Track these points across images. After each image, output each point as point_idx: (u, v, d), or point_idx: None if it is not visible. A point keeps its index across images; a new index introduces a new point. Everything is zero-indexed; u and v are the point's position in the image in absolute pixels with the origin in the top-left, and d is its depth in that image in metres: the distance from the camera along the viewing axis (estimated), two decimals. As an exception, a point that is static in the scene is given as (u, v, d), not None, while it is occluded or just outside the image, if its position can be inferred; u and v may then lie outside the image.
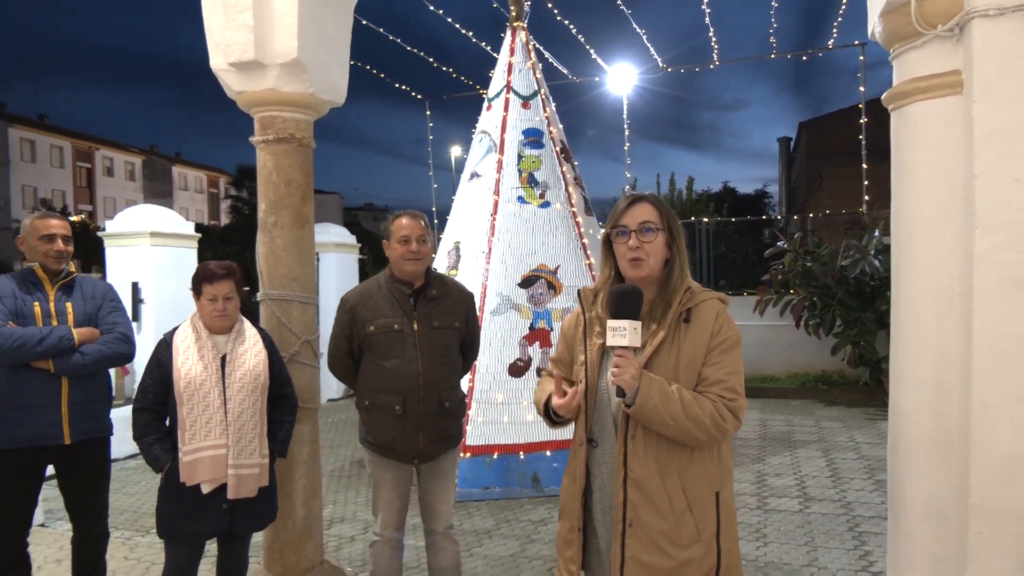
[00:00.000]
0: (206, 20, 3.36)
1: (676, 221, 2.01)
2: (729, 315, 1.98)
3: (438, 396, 2.96)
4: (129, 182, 50.04)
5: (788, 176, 32.67)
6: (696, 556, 1.88)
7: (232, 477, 2.76)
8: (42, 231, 3.03)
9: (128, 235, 7.40)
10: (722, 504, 1.93)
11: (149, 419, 2.82)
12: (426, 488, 3.09)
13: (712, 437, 1.86)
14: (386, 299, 2.98)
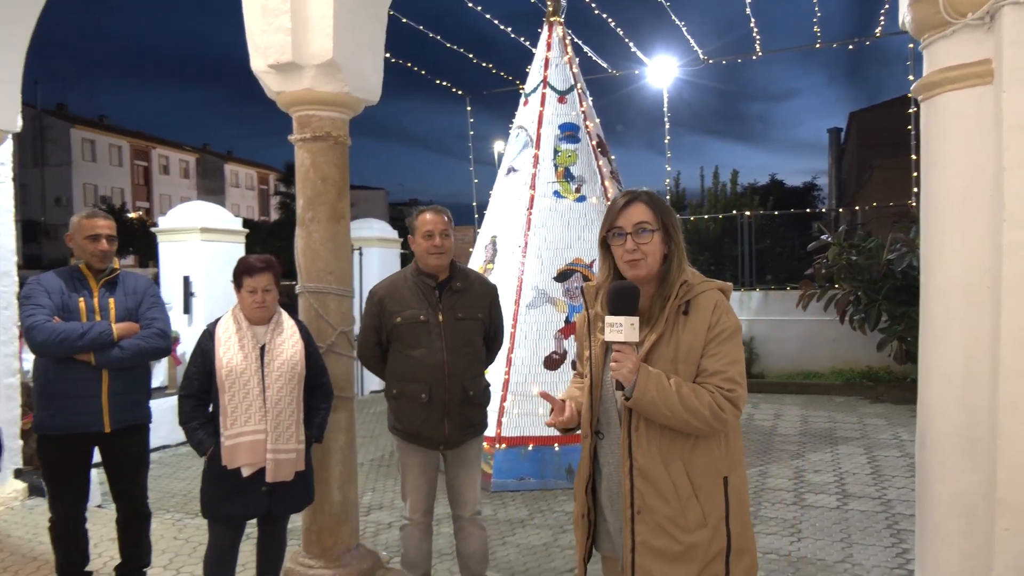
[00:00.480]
0: (247, 23, 3.49)
1: (672, 217, 2.04)
2: (728, 305, 2.00)
3: (463, 385, 3.05)
4: (183, 179, 51.63)
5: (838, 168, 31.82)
6: (703, 540, 1.92)
7: (270, 461, 2.89)
8: (88, 231, 3.20)
9: (180, 231, 7.69)
10: (731, 489, 1.96)
11: (193, 405, 2.96)
12: (452, 475, 3.18)
13: (712, 427, 1.89)
14: (412, 291, 3.07)
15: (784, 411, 8.44)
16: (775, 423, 7.81)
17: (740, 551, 1.97)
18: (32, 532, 4.39)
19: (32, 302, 3.02)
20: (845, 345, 9.65)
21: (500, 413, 5.71)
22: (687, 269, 2.02)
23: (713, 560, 1.94)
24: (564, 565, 4.09)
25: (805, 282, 9.32)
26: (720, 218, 13.15)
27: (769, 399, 9.23)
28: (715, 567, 1.94)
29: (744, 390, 1.93)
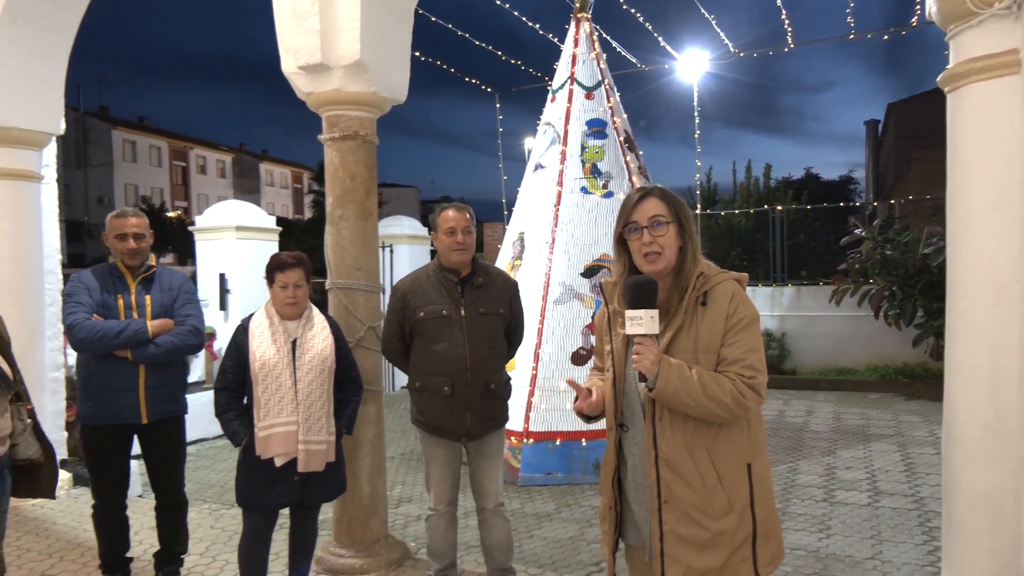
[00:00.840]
0: (277, 27, 3.59)
1: (685, 210, 2.07)
2: (745, 294, 2.02)
3: (484, 378, 3.10)
4: (220, 179, 52.65)
5: (876, 161, 31.14)
6: (730, 526, 1.96)
7: (302, 452, 2.98)
8: (117, 230, 3.32)
9: (215, 229, 7.89)
10: (755, 475, 1.99)
11: (229, 397, 3.07)
12: (475, 467, 3.24)
13: (734, 414, 1.93)
14: (435, 287, 3.13)
15: (816, 408, 8.34)
16: (807, 420, 7.72)
17: (766, 536, 2.00)
18: (76, 520, 4.56)
19: (73, 300, 3.16)
20: (880, 341, 9.49)
21: (528, 408, 5.76)
22: (702, 261, 2.05)
23: (741, 546, 1.97)
24: (590, 558, 4.12)
25: (838, 277, 9.19)
26: (752, 213, 13.00)
27: (801, 396, 9.12)
28: (742, 552, 1.97)
29: (764, 376, 1.95)
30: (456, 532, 3.33)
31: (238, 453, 3.09)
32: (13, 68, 4.69)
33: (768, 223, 11.69)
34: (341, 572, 3.65)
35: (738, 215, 13.38)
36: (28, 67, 4.78)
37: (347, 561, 3.69)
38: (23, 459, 2.73)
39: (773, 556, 2.02)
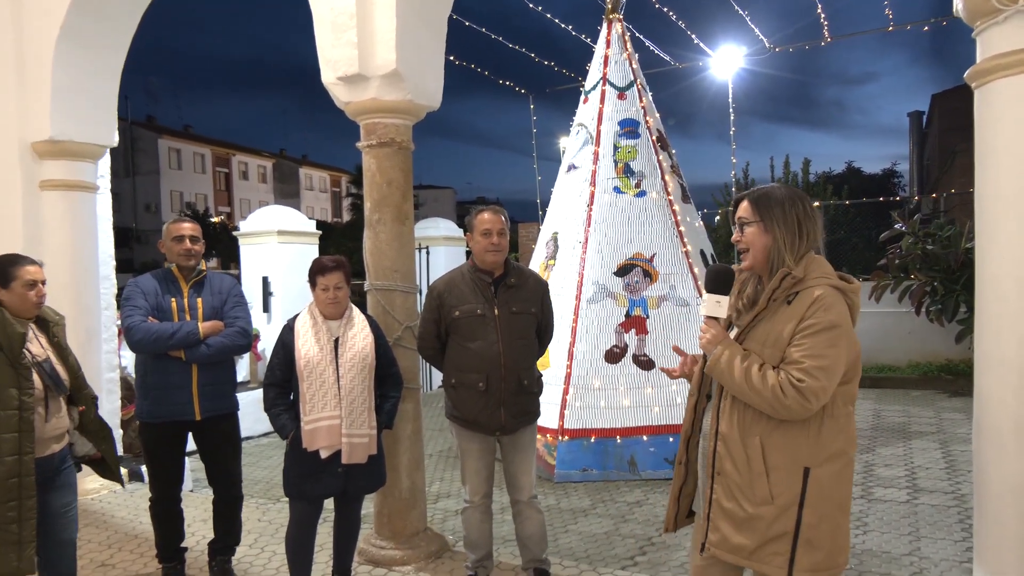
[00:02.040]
0: (317, 39, 3.74)
1: (771, 213, 2.11)
2: (834, 302, 2.02)
3: (517, 375, 3.20)
4: (261, 184, 53.80)
5: (920, 153, 30.38)
6: (766, 516, 2.03)
7: (346, 445, 3.13)
8: (174, 233, 3.53)
9: (259, 234, 8.14)
10: (812, 481, 2.01)
11: (276, 393, 3.23)
12: (509, 460, 3.34)
13: (773, 408, 1.99)
14: (469, 287, 3.25)
15: (857, 405, 8.21)
16: (846, 417, 7.64)
17: (810, 543, 2.02)
18: (133, 513, 4.80)
19: (130, 303, 3.36)
20: (922, 338, 9.33)
21: (563, 406, 5.84)
22: (798, 263, 2.09)
23: (776, 539, 2.03)
24: (625, 552, 4.19)
25: (878, 273, 9.05)
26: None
27: (841, 393, 9.01)
28: (777, 547, 2.03)
29: (819, 384, 1.96)
30: (491, 524, 3.44)
31: (286, 447, 3.25)
32: (69, 85, 4.96)
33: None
34: (382, 563, 3.79)
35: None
36: (83, 84, 5.04)
37: (388, 553, 3.83)
38: (82, 456, 2.93)
39: (817, 566, 2.02)
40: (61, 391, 2.80)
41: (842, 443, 2.07)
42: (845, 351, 2.01)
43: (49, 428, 2.75)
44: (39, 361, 2.76)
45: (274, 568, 3.88)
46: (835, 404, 2.05)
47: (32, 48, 4.95)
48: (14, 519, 2.58)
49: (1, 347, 2.62)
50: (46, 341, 2.89)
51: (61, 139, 4.93)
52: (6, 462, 2.57)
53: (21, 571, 2.62)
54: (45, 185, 5.02)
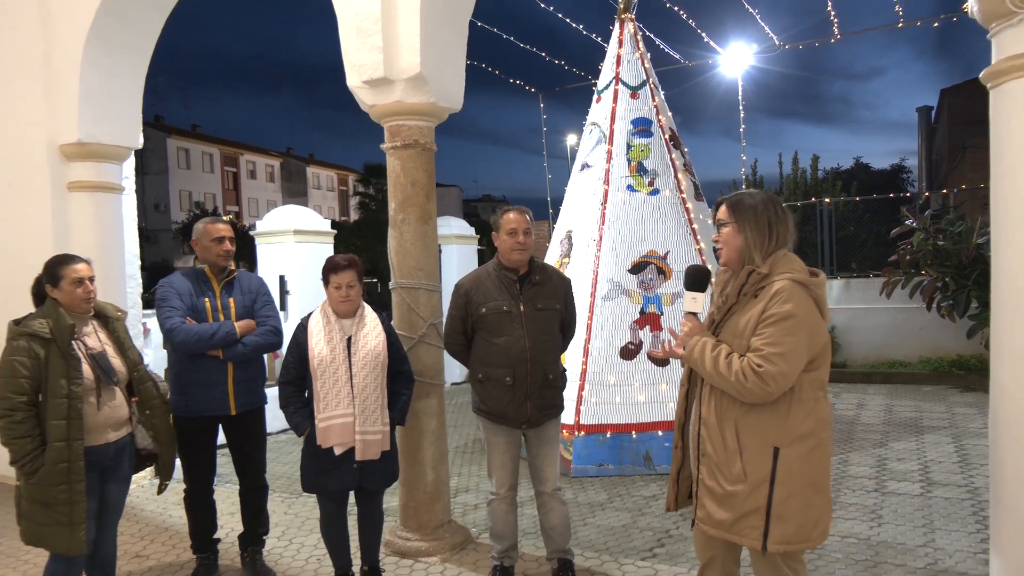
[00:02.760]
0: (343, 44, 3.83)
1: (746, 214, 2.34)
2: (794, 294, 2.20)
3: (543, 369, 3.30)
4: (269, 183, 54.02)
5: (929, 148, 30.29)
6: (740, 493, 2.25)
7: (359, 442, 3.20)
8: (213, 234, 3.62)
9: (275, 233, 8.24)
10: (781, 460, 2.21)
11: (292, 391, 3.30)
12: (534, 453, 3.43)
13: (738, 391, 2.21)
14: (495, 284, 3.34)
15: (867, 401, 8.30)
16: (857, 412, 7.70)
17: (781, 517, 2.21)
18: (161, 507, 4.91)
19: (167, 304, 3.45)
20: (933, 333, 9.37)
21: (578, 402, 5.92)
22: (763, 261, 2.31)
23: (750, 514, 2.24)
24: (644, 544, 4.27)
25: (888, 269, 9.09)
26: (799, 206, 12.87)
27: (852, 389, 9.07)
28: (752, 521, 2.24)
29: (777, 369, 2.15)
30: (516, 515, 3.53)
31: (302, 443, 3.32)
32: (96, 88, 5.07)
33: (816, 216, 11.59)
34: (409, 554, 3.89)
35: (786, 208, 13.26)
36: (109, 87, 5.15)
37: (414, 544, 3.92)
38: (141, 448, 3.06)
39: (788, 539, 2.22)
40: (112, 382, 2.91)
41: (811, 425, 2.24)
42: (805, 339, 2.19)
43: (103, 417, 2.87)
44: (92, 353, 2.88)
45: (303, 559, 3.99)
46: (802, 389, 2.23)
47: (60, 52, 5.07)
48: (65, 501, 2.70)
49: (54, 339, 2.74)
50: (106, 335, 3.00)
51: (88, 141, 5.05)
52: (55, 447, 2.69)
53: (72, 551, 2.74)
54: (73, 186, 5.14)
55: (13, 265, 5.42)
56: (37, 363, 2.73)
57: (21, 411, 2.70)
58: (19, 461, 2.71)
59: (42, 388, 2.73)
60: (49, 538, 2.73)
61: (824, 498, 2.28)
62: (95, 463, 2.87)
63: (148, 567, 3.96)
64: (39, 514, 2.73)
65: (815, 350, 2.23)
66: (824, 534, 2.30)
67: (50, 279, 2.89)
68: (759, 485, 2.22)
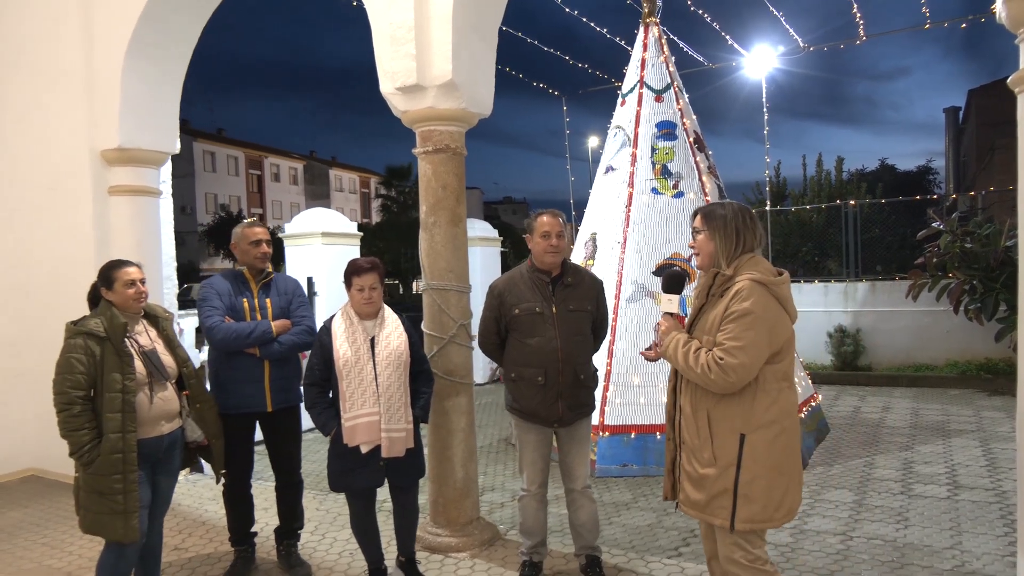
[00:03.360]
0: (376, 52, 3.94)
1: (716, 223, 2.58)
2: (752, 293, 2.41)
3: (574, 369, 3.37)
4: (292, 186, 54.65)
5: (956, 150, 29.88)
6: (710, 475, 2.49)
7: (385, 439, 3.28)
8: (251, 237, 3.75)
9: (303, 235, 8.38)
10: (747, 445, 2.43)
11: (317, 392, 3.38)
12: (565, 451, 3.50)
13: (704, 382, 2.44)
14: (528, 286, 3.42)
15: (893, 404, 8.26)
16: (883, 416, 7.67)
17: (747, 498, 2.43)
18: (197, 501, 5.05)
19: (208, 304, 3.58)
20: (960, 337, 9.29)
21: (603, 402, 5.98)
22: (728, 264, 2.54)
23: (720, 495, 2.46)
24: (669, 544, 4.32)
25: (915, 272, 9.03)
26: (823, 208, 12.81)
27: (878, 392, 9.02)
28: (721, 501, 2.47)
29: (737, 361, 2.36)
30: (546, 512, 3.60)
31: (327, 443, 3.40)
32: (136, 95, 5.23)
33: (841, 218, 11.53)
34: (439, 550, 3.98)
35: (809, 211, 13.20)
36: (149, 93, 5.31)
37: (444, 540, 4.01)
38: (191, 442, 3.19)
39: (753, 518, 2.44)
40: (163, 377, 3.05)
41: (774, 414, 2.44)
42: (764, 334, 2.39)
43: (155, 410, 3.01)
44: (144, 350, 3.02)
45: (336, 553, 4.10)
46: (766, 380, 2.43)
47: (101, 60, 5.23)
48: (120, 491, 2.84)
49: (108, 337, 2.89)
50: (156, 334, 3.15)
51: (129, 147, 5.21)
52: (111, 439, 2.83)
53: (127, 538, 2.88)
54: (113, 191, 5.30)
55: (56, 266, 5.62)
56: (93, 360, 2.87)
57: (78, 405, 2.84)
58: (77, 452, 2.85)
59: (97, 383, 2.87)
60: (105, 526, 2.87)
61: (788, 480, 2.47)
62: (149, 455, 3.01)
63: (188, 558, 4.09)
64: (96, 503, 2.87)
65: (777, 344, 2.42)
66: (789, 515, 2.50)
67: (104, 282, 3.04)
68: (727, 468, 2.44)
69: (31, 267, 5.85)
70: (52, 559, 4.19)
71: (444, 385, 3.98)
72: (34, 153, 5.70)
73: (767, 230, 12.23)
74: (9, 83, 5.84)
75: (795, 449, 2.49)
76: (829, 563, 3.91)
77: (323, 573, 3.82)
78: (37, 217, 5.73)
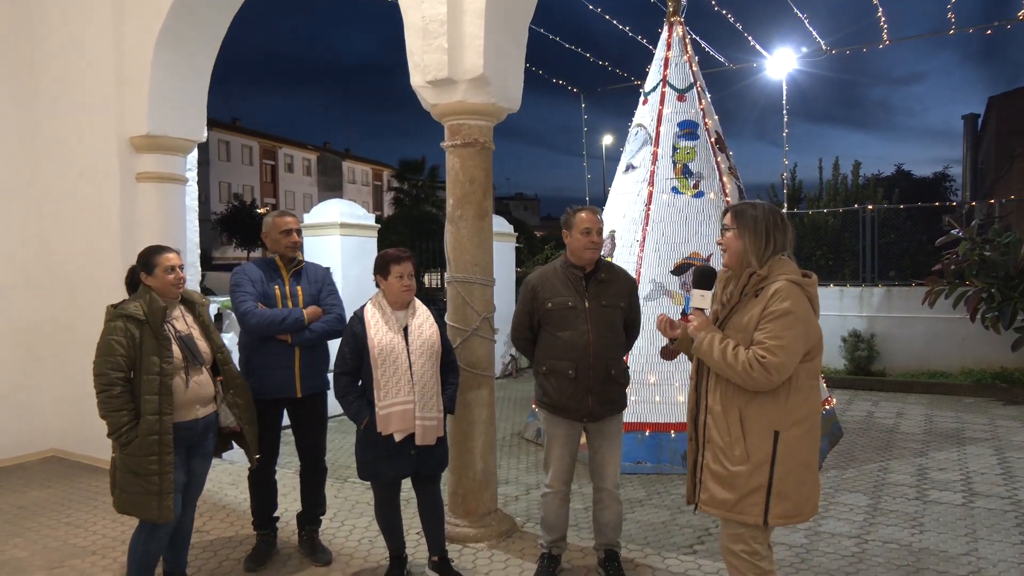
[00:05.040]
0: (408, 46, 3.97)
1: (747, 222, 2.58)
2: (791, 293, 2.44)
3: (606, 364, 3.38)
4: (306, 177, 54.82)
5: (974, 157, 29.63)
6: (743, 473, 2.49)
7: (419, 427, 3.31)
8: (282, 227, 3.79)
9: (322, 226, 8.44)
10: (782, 442, 2.46)
11: (348, 381, 3.40)
12: (595, 448, 3.52)
13: (744, 380, 2.44)
14: (562, 281, 3.44)
15: (907, 410, 8.24)
16: (897, 422, 7.66)
17: (781, 494, 2.46)
18: (217, 486, 5.12)
19: (241, 290, 3.63)
20: (976, 345, 9.25)
21: (624, 394, 5.99)
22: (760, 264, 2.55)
23: (753, 492, 2.47)
24: (684, 541, 4.35)
25: (932, 279, 9.00)
26: (840, 212, 12.76)
27: (891, 398, 9.01)
28: (754, 498, 2.47)
29: (779, 360, 2.39)
30: (569, 509, 3.62)
31: (357, 432, 3.43)
32: (165, 84, 5.29)
33: (857, 222, 11.48)
34: (457, 540, 4.02)
35: (825, 214, 13.15)
36: (177, 83, 5.37)
37: (462, 530, 4.05)
38: (225, 427, 3.25)
39: (787, 514, 2.48)
40: (199, 362, 3.10)
41: (806, 411, 2.48)
42: (803, 333, 2.42)
43: (191, 393, 3.07)
44: (181, 335, 3.07)
45: (355, 540, 4.15)
46: (799, 378, 2.46)
47: (132, 51, 5.30)
48: (155, 472, 2.89)
49: (147, 320, 2.94)
50: (192, 319, 3.20)
51: (157, 134, 5.27)
52: (148, 420, 2.89)
53: (161, 518, 2.93)
54: (141, 177, 5.36)
55: (85, 250, 5.70)
56: (132, 342, 2.92)
57: (118, 386, 2.90)
58: (115, 433, 2.91)
59: (136, 366, 2.92)
60: (140, 506, 2.92)
61: (814, 476, 2.53)
62: (184, 438, 3.06)
63: (210, 541, 4.15)
64: (131, 484, 2.92)
65: (810, 343, 2.46)
66: (814, 510, 2.55)
67: (144, 267, 3.09)
68: (761, 465, 2.47)
69: (59, 252, 5.93)
70: (76, 538, 4.26)
71: (466, 377, 4.02)
72: (65, 140, 5.79)
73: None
74: (42, 72, 5.92)
75: (818, 446, 2.55)
76: (844, 565, 3.93)
77: (343, 559, 3.87)
78: (66, 203, 5.82)
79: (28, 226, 5.98)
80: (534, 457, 6.41)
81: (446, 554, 3.61)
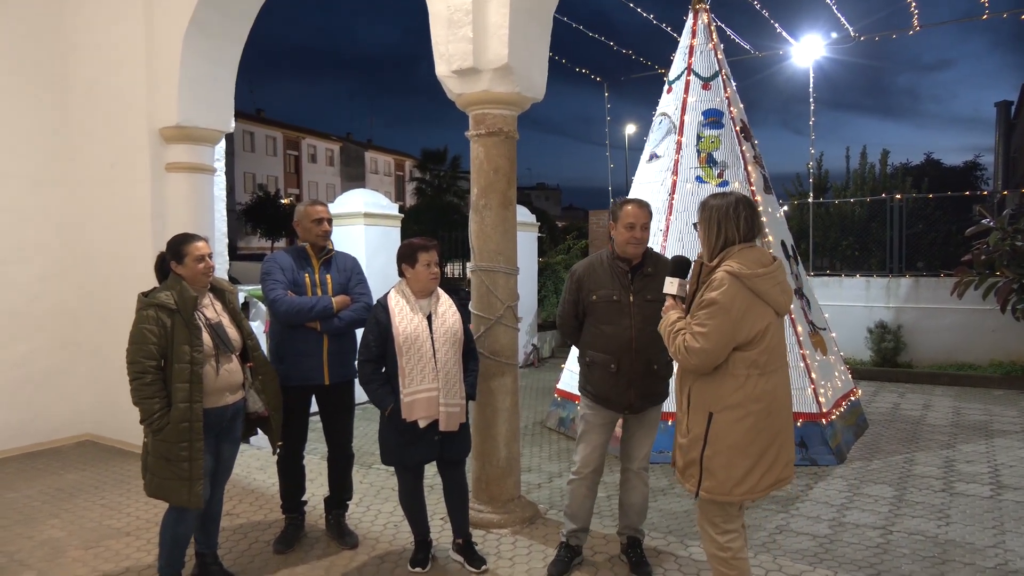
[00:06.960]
0: (433, 35, 3.99)
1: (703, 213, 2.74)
2: (722, 284, 2.56)
3: (648, 359, 3.36)
4: (329, 167, 55.17)
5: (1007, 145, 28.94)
6: (684, 445, 2.74)
7: (443, 414, 3.36)
8: (313, 216, 3.84)
9: (346, 216, 8.51)
10: (713, 423, 2.64)
11: (373, 368, 3.44)
12: (630, 432, 3.53)
13: (680, 362, 2.68)
14: (607, 273, 3.43)
15: (934, 402, 8.14)
16: (924, 413, 7.58)
17: (709, 471, 2.65)
18: (246, 471, 5.22)
19: (272, 278, 3.69)
20: (1006, 336, 9.10)
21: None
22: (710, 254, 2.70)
23: (690, 464, 2.71)
24: (706, 530, 4.35)
25: (961, 269, 8.85)
26: (867, 201, 12.58)
27: (918, 389, 8.90)
28: (691, 470, 2.71)
29: (699, 345, 2.57)
30: (594, 501, 3.62)
31: (381, 419, 3.49)
32: (195, 75, 5.37)
33: (885, 212, 11.31)
34: (481, 525, 4.07)
35: (852, 203, 12.97)
36: (207, 73, 5.45)
37: (486, 516, 4.10)
38: (252, 412, 3.31)
39: (713, 490, 2.65)
40: (229, 349, 3.16)
41: (739, 398, 2.60)
42: (728, 323, 2.54)
43: (220, 381, 3.13)
44: (211, 323, 3.13)
45: (381, 524, 4.21)
46: (735, 365, 2.59)
47: (162, 41, 5.37)
48: (185, 458, 2.96)
49: (178, 309, 3.00)
50: (221, 307, 3.27)
51: (187, 125, 5.35)
52: (179, 408, 2.95)
53: (191, 504, 3.01)
54: (171, 167, 5.46)
55: (116, 238, 5.82)
56: (164, 331, 2.98)
57: (150, 374, 2.96)
58: (147, 420, 2.97)
59: (168, 354, 2.98)
60: (170, 491, 2.99)
61: (748, 460, 2.60)
62: (213, 424, 3.12)
63: (239, 524, 4.24)
64: (162, 469, 2.99)
65: (744, 333, 2.56)
66: (749, 493, 2.64)
67: (174, 256, 3.15)
68: (696, 441, 2.67)
69: (91, 240, 6.06)
70: (111, 520, 4.38)
71: (490, 365, 4.05)
72: (97, 130, 5.90)
73: (809, 223, 12.05)
74: (75, 64, 6.04)
75: (763, 432, 2.61)
76: (869, 556, 3.92)
77: (369, 543, 3.94)
78: (98, 192, 5.94)
79: (62, 216, 6.12)
80: (556, 446, 6.44)
81: (470, 537, 3.65)
